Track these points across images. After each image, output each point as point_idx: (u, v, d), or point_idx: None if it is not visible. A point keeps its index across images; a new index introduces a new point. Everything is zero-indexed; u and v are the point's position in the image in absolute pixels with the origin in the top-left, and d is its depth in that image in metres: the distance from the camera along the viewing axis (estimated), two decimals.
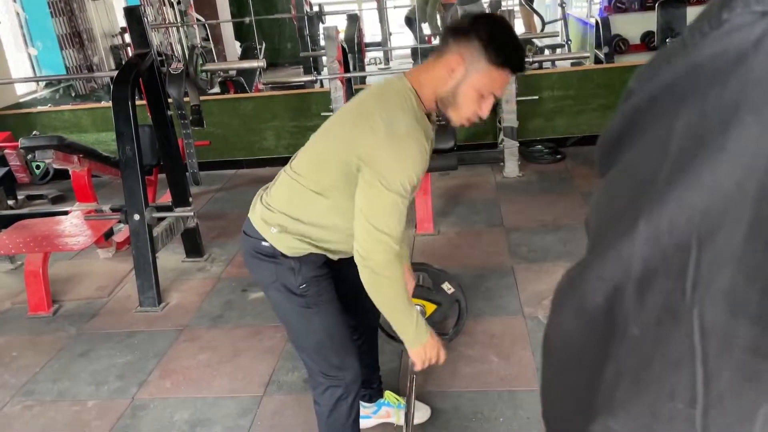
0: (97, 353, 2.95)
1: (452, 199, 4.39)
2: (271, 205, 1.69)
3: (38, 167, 5.31)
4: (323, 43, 5.56)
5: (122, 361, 2.87)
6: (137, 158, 3.23)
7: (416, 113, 1.54)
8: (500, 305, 3.02)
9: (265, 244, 1.67)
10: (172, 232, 3.63)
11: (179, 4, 6.68)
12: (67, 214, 3.81)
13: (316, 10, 7.95)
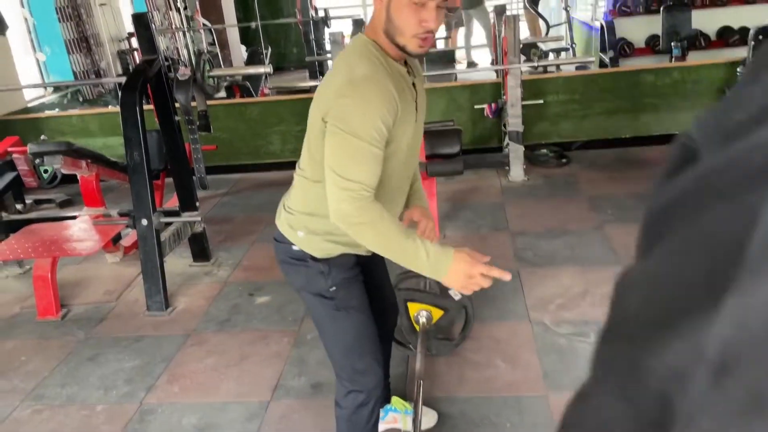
0: (105, 357, 2.97)
1: (458, 203, 4.39)
2: (291, 208, 1.71)
3: (46, 172, 5.34)
4: (329, 47, 5.58)
5: (130, 365, 2.89)
6: (145, 164, 3.25)
7: (379, 59, 1.51)
8: (506, 310, 3.03)
9: (294, 248, 1.69)
10: (179, 236, 3.65)
11: (186, 9, 6.71)
12: (75, 218, 3.84)
13: (321, 15, 7.98)
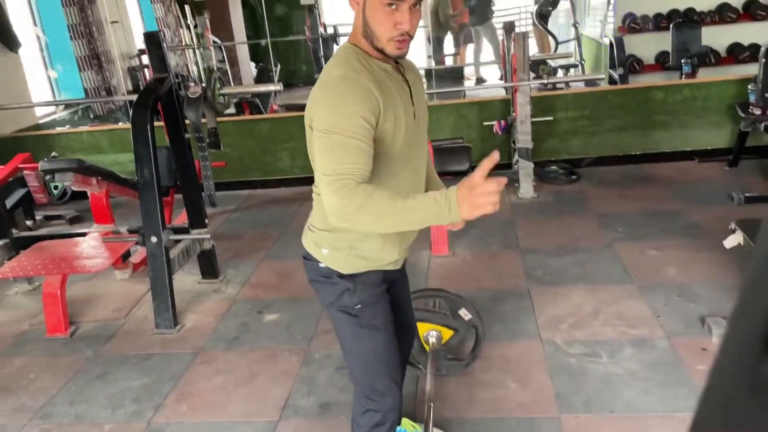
0: (113, 376, 2.96)
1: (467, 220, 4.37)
2: (314, 226, 1.72)
3: (56, 188, 5.38)
4: None
5: (138, 383, 2.88)
6: (155, 181, 3.26)
7: (359, 61, 1.53)
8: (517, 329, 3.00)
9: (321, 265, 1.71)
10: (188, 253, 3.65)
11: (196, 27, 6.79)
12: (85, 235, 3.85)
13: (330, 32, 8.04)
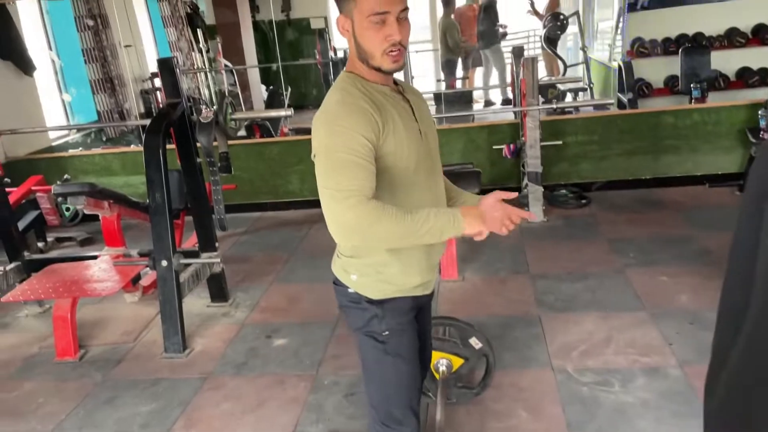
0: (122, 400, 2.95)
1: (476, 244, 4.34)
2: (341, 253, 1.74)
3: (68, 210, 5.42)
4: None
5: (147, 409, 2.87)
6: (166, 205, 3.28)
7: (355, 86, 1.57)
8: (528, 357, 2.97)
9: (350, 290, 1.72)
10: (198, 277, 3.65)
11: (208, 51, 6.88)
12: (95, 258, 3.87)
13: (340, 56, 8.12)
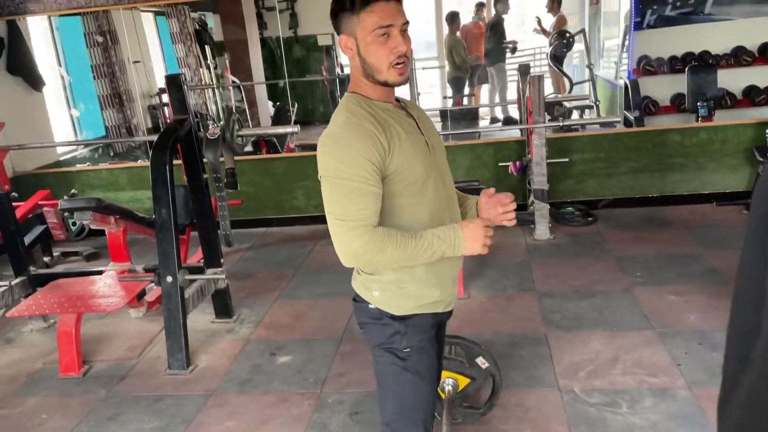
0: (126, 417, 2.93)
1: (482, 261, 4.34)
2: (361, 270, 1.74)
3: (74, 224, 5.45)
4: None
5: (150, 426, 2.85)
6: (172, 221, 3.28)
7: (359, 105, 1.58)
8: (534, 376, 2.94)
9: (371, 307, 1.71)
10: (203, 293, 3.64)
11: (216, 67, 6.93)
12: (101, 273, 3.87)
13: (347, 72, 8.16)
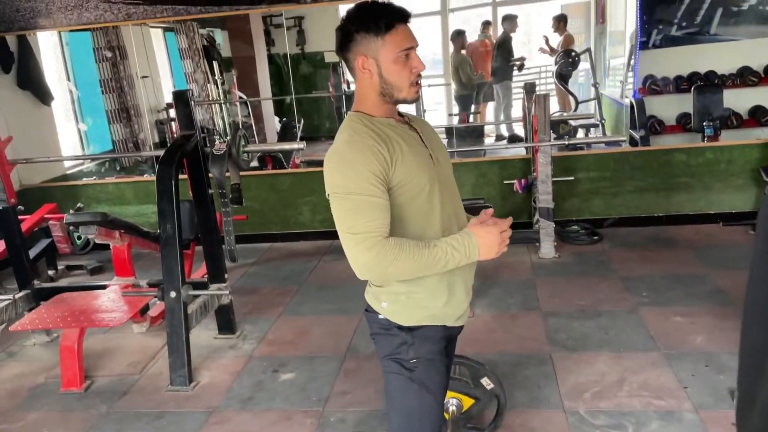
0: None
1: (487, 279, 4.33)
2: (372, 283, 1.76)
3: (80, 238, 5.44)
4: None
5: None
6: (177, 237, 3.28)
7: (362, 123, 1.62)
8: (539, 397, 2.91)
9: (381, 317, 1.73)
10: (206, 308, 3.64)
11: (223, 83, 6.99)
12: (105, 287, 3.87)
13: (353, 89, 8.20)
